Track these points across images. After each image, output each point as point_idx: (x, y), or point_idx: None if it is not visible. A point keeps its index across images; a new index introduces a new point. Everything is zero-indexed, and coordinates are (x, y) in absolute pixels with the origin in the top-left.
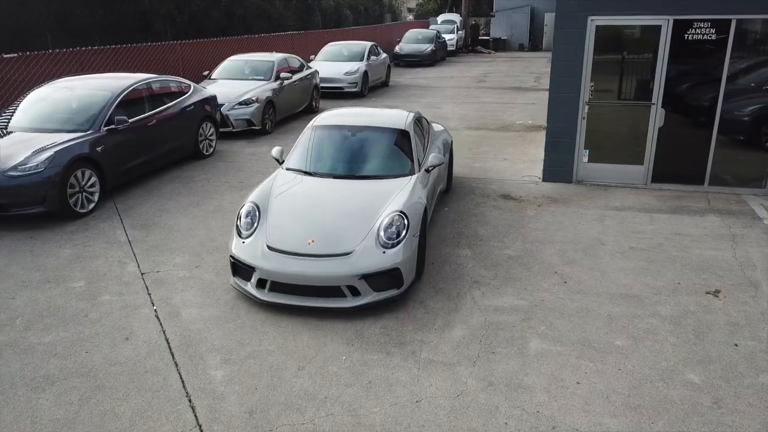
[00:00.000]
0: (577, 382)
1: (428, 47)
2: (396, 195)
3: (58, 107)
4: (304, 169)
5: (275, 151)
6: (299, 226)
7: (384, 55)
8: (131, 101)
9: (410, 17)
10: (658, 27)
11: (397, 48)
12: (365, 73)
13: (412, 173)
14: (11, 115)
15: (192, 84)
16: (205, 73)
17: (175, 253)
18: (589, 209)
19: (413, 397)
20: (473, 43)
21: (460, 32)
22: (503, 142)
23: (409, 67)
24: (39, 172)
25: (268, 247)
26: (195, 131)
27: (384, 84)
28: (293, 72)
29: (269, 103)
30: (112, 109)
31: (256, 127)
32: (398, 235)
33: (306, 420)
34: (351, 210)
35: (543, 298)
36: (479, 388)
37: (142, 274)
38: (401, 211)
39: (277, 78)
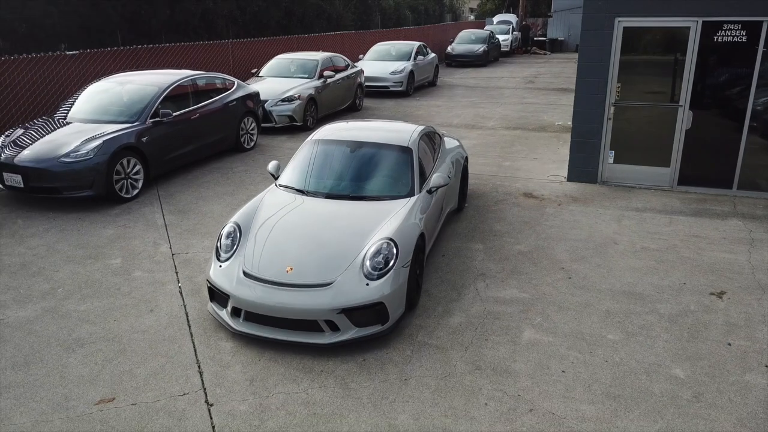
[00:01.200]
0: (562, 371)
1: (480, 48)
2: (389, 219)
3: (111, 100)
4: (295, 187)
5: (272, 165)
6: (279, 251)
7: (432, 55)
8: (176, 96)
9: (471, 17)
10: (687, 29)
11: (449, 48)
12: (411, 72)
13: (411, 195)
14: (70, 107)
15: (236, 81)
16: (254, 70)
17: (205, 237)
18: (609, 209)
19: (403, 375)
20: (524, 44)
21: (515, 33)
22: (537, 142)
23: (461, 68)
24: (88, 159)
25: (244, 274)
26: (237, 125)
27: (431, 83)
28: (337, 71)
29: (311, 100)
30: (157, 103)
31: (298, 123)
32: (386, 264)
33: (300, 390)
34: (338, 234)
35: (545, 292)
36: (466, 371)
37: (173, 254)
38: (390, 239)
39: (321, 76)
